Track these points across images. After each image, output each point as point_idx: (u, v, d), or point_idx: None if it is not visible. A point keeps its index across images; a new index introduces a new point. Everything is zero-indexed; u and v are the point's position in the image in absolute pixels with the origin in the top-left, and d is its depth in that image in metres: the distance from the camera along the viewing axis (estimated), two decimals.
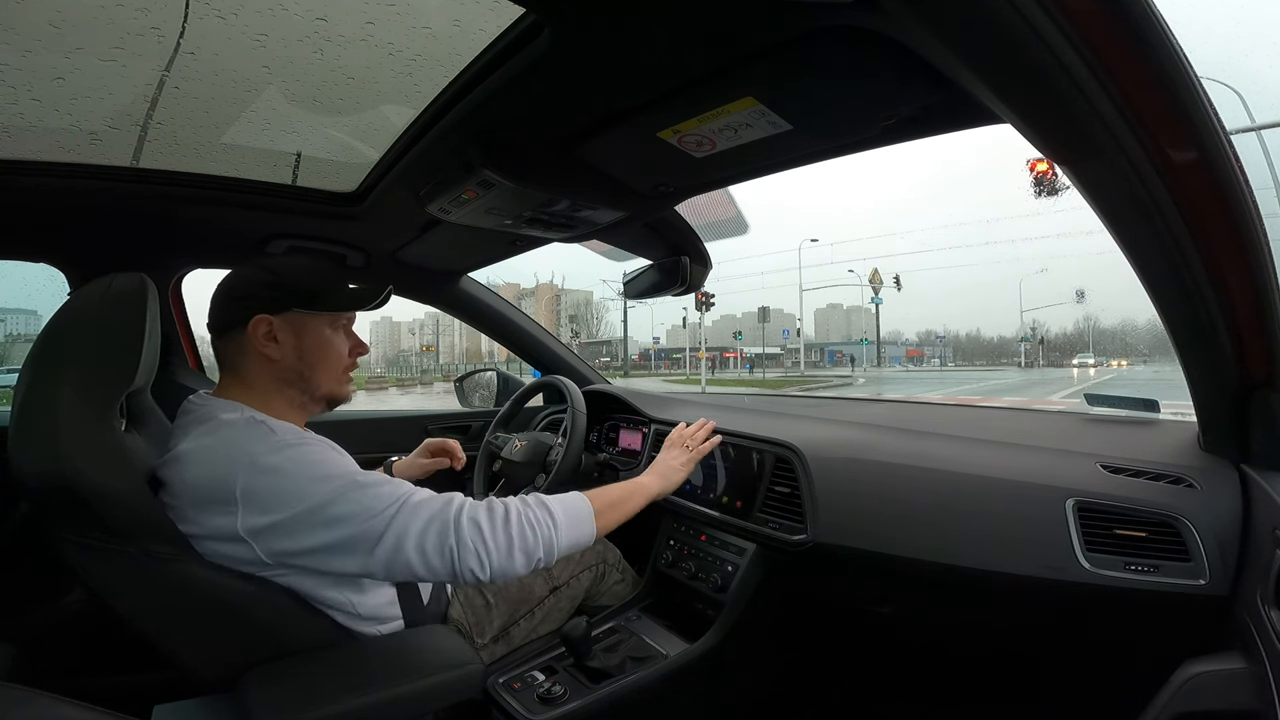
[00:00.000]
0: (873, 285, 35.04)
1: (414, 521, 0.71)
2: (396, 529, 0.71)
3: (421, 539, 0.71)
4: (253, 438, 0.74)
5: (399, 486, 0.74)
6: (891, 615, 1.13)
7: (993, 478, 0.95)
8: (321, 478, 0.72)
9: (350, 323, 0.90)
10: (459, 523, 0.73)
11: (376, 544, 0.71)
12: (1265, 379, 0.73)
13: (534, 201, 0.96)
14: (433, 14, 0.67)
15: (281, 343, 0.82)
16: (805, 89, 0.67)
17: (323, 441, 0.78)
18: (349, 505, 0.71)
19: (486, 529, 0.73)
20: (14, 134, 0.91)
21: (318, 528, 0.70)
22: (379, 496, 0.72)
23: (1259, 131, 8.71)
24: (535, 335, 1.84)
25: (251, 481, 0.70)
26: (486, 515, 0.75)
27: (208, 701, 0.73)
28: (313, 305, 0.83)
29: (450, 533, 0.72)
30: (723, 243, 1.39)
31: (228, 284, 0.84)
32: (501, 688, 1.03)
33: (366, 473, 0.75)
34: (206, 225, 1.22)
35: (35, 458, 0.69)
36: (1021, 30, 0.45)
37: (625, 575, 1.32)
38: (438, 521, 0.72)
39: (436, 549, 0.72)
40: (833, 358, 47.78)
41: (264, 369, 0.82)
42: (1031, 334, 45.59)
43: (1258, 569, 0.71)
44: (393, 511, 0.71)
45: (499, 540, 0.74)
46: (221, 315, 0.82)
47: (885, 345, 52.30)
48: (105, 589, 0.71)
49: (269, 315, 0.81)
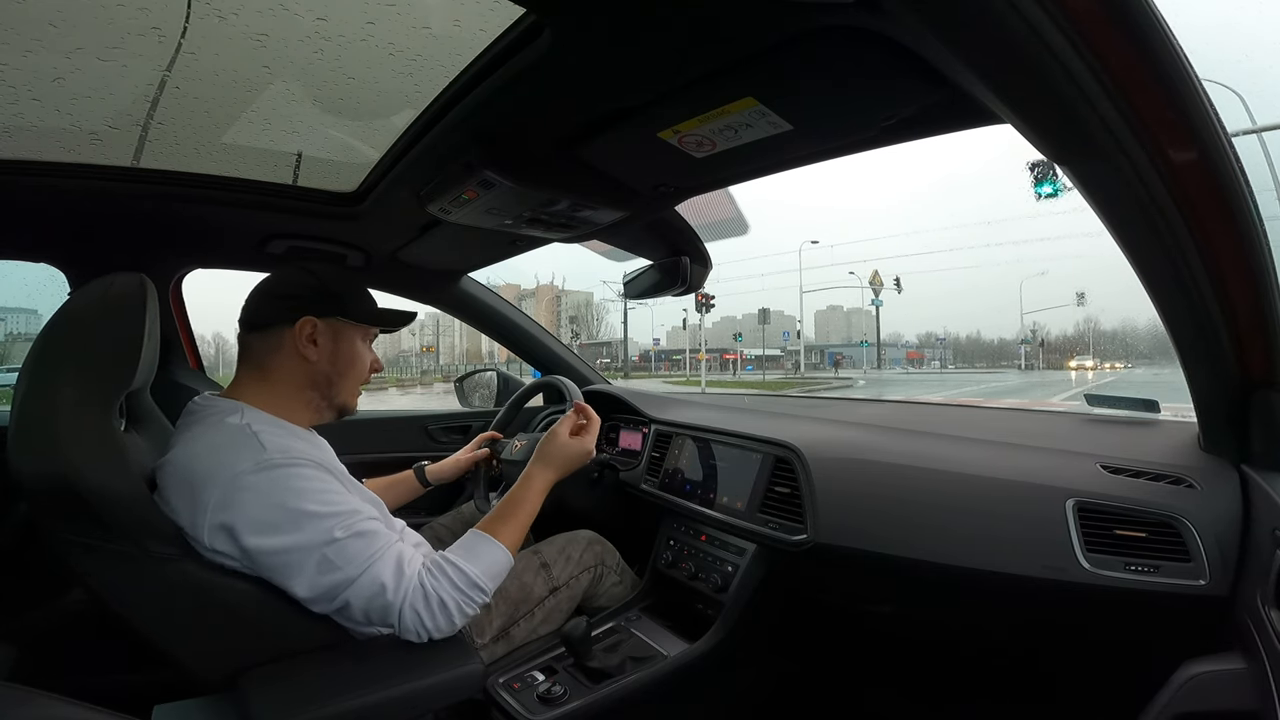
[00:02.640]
0: (873, 287, 34.65)
1: (361, 594, 0.75)
2: (346, 595, 0.74)
3: (366, 609, 0.76)
4: (242, 450, 0.74)
5: (370, 545, 0.76)
6: (891, 615, 1.13)
7: (993, 478, 0.95)
8: (299, 513, 0.73)
9: (374, 338, 0.94)
10: (402, 613, 0.76)
11: (323, 596, 0.75)
12: (1265, 379, 0.73)
13: (534, 201, 0.96)
14: (433, 14, 0.67)
15: (320, 346, 0.85)
16: (805, 89, 0.67)
17: (314, 464, 0.77)
18: (313, 556, 0.73)
19: (426, 618, 0.77)
20: (14, 134, 0.90)
21: (273, 555, 0.73)
22: (346, 554, 0.74)
23: (1260, 134, 8.70)
24: (535, 335, 1.84)
25: (226, 495, 0.72)
26: (425, 605, 0.77)
27: (208, 701, 0.73)
28: (355, 316, 0.88)
29: (392, 617, 0.76)
30: (723, 243, 1.39)
31: (272, 282, 0.87)
32: (501, 688, 1.03)
33: (347, 515, 0.76)
34: (206, 225, 1.22)
35: (34, 458, 0.69)
36: (1022, 30, 0.45)
37: (624, 577, 1.32)
38: (379, 602, 0.75)
39: (379, 619, 0.77)
40: (832, 359, 47.75)
41: (296, 368, 0.84)
42: (1031, 336, 44.95)
43: (1258, 569, 0.71)
44: (350, 575, 0.74)
45: (439, 623, 0.78)
46: (262, 311, 0.84)
47: (886, 347, 52.07)
48: (105, 589, 0.71)
49: (315, 318, 0.84)
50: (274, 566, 0.73)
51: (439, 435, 1.80)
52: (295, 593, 0.74)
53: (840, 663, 1.29)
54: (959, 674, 1.20)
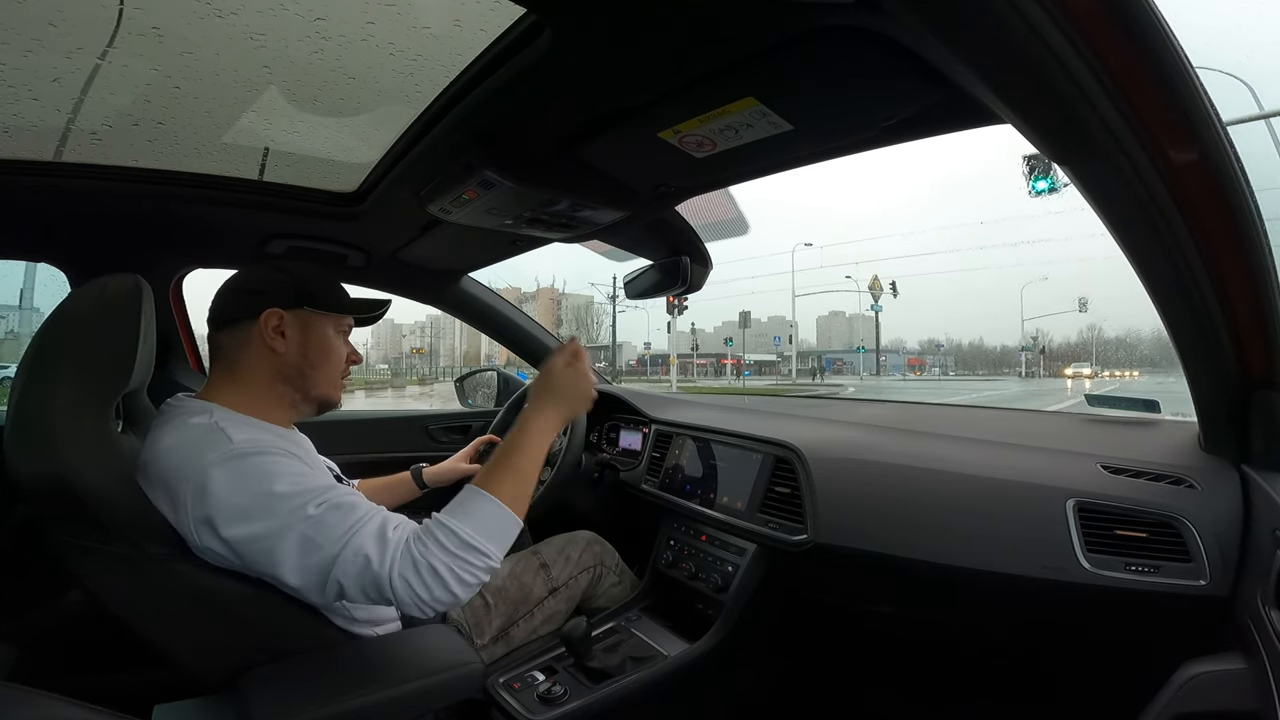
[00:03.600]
0: (872, 292, 33.80)
1: (349, 572, 0.69)
2: (335, 576, 0.69)
3: (360, 586, 0.70)
4: (208, 444, 0.72)
5: (347, 517, 0.70)
6: (892, 615, 1.13)
7: (993, 478, 0.95)
8: (270, 495, 0.70)
9: (349, 330, 0.91)
10: (392, 584, 0.69)
11: (313, 582, 0.70)
12: (1265, 379, 0.73)
13: (534, 201, 0.96)
14: (433, 14, 0.67)
15: (288, 338, 0.82)
16: (806, 89, 0.67)
17: (284, 452, 0.74)
18: (291, 536, 0.69)
19: (419, 588, 0.69)
20: (14, 134, 0.90)
21: (252, 542, 0.70)
22: (324, 529, 0.69)
23: (1268, 120, 8.58)
24: (536, 335, 1.84)
25: (198, 490, 0.69)
26: (415, 574, 0.69)
27: (208, 701, 0.73)
28: (323, 305, 0.85)
29: (386, 590, 0.69)
30: (720, 244, 1.39)
31: (238, 279, 0.85)
32: (501, 687, 1.03)
33: (321, 491, 0.72)
34: (207, 225, 1.22)
35: (31, 459, 0.68)
36: (1022, 30, 0.45)
37: (623, 578, 1.32)
38: (369, 576, 0.69)
39: (376, 595, 0.70)
40: (831, 365, 47.59)
41: (265, 363, 0.82)
42: (1033, 343, 44.13)
43: (1258, 569, 0.71)
44: (332, 551, 0.69)
45: (434, 593, 0.70)
46: (229, 308, 0.82)
47: (887, 353, 51.60)
48: (103, 590, 0.71)
49: (280, 309, 0.82)
50: (256, 555, 0.70)
51: (439, 435, 1.79)
52: (287, 582, 0.70)
53: (840, 663, 1.29)
54: (959, 674, 1.20)
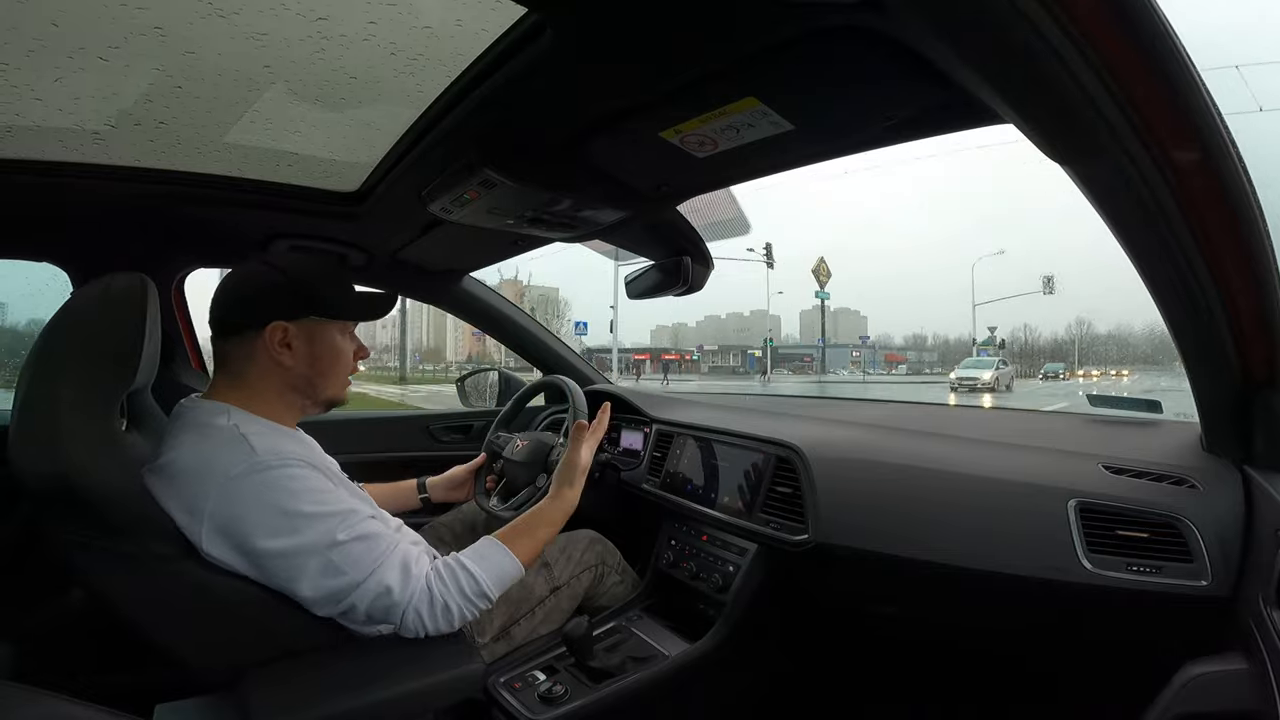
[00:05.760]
0: (817, 278, 29.87)
1: (366, 598, 0.74)
2: (351, 599, 0.74)
3: (369, 610, 0.75)
4: (232, 453, 0.72)
5: (374, 548, 0.75)
6: (893, 615, 1.12)
7: (994, 478, 0.95)
8: (297, 515, 0.72)
9: (355, 326, 0.90)
10: (405, 614, 0.76)
11: (328, 599, 0.74)
12: (1267, 379, 0.73)
13: (536, 201, 0.96)
14: (434, 14, 0.67)
15: (295, 350, 0.81)
16: (807, 89, 0.67)
17: (305, 463, 0.75)
18: (316, 560, 0.72)
19: (428, 620, 0.77)
20: (16, 134, 0.90)
21: (275, 558, 0.72)
22: (350, 557, 0.73)
23: None
24: (537, 335, 1.84)
25: (220, 500, 0.70)
26: (429, 609, 0.77)
27: (209, 701, 0.73)
28: (329, 312, 0.83)
29: (395, 617, 0.76)
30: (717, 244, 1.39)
31: (235, 283, 0.82)
32: (502, 687, 1.03)
33: (345, 515, 0.75)
34: (209, 225, 1.22)
35: (36, 458, 0.69)
36: (1024, 31, 0.45)
37: (625, 577, 1.32)
38: (384, 603, 0.75)
39: (381, 618, 0.76)
40: (799, 362, 48.03)
41: (272, 375, 0.81)
42: (991, 335, 31.11)
43: (1260, 570, 0.71)
44: (356, 579, 0.73)
45: (439, 625, 0.78)
46: (229, 317, 0.80)
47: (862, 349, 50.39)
48: (106, 589, 0.72)
49: (285, 322, 0.79)
50: (276, 570, 0.72)
51: (441, 435, 1.80)
52: (300, 594, 0.73)
53: (842, 662, 1.29)
54: (960, 674, 1.19)
